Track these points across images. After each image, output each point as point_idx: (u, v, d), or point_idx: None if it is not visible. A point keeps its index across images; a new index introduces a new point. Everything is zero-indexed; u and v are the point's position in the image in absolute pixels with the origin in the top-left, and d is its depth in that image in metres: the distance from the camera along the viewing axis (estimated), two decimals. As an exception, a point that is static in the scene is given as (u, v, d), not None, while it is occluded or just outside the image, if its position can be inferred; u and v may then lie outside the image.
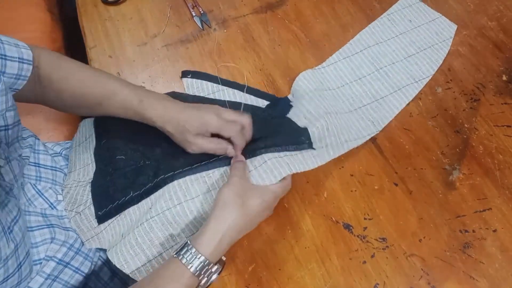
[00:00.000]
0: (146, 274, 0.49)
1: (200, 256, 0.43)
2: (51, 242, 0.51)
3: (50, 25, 0.89)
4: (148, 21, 0.75)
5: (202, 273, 0.43)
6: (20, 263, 0.46)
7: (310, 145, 0.55)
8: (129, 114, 0.56)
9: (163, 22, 0.75)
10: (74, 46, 0.60)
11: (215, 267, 0.45)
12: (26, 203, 0.53)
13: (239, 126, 0.53)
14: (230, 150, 0.53)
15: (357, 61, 0.68)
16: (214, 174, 0.54)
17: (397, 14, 0.72)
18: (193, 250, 0.44)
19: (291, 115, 0.61)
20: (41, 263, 0.50)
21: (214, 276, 0.45)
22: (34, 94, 0.55)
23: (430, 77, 0.65)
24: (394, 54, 0.68)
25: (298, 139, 0.55)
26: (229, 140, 0.53)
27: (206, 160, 0.54)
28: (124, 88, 0.55)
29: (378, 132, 0.61)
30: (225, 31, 0.73)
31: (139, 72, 0.70)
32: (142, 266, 0.49)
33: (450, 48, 0.69)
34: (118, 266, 0.48)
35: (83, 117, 0.68)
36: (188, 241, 0.45)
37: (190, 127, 0.52)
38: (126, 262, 0.49)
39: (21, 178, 0.55)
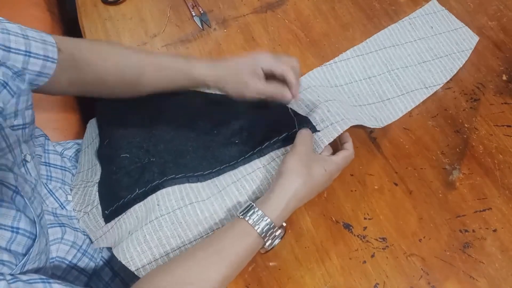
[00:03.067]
0: None
1: (267, 218, 0.45)
2: (61, 241, 0.51)
3: (50, 25, 0.89)
4: (148, 21, 0.75)
5: (268, 235, 0.45)
6: (47, 259, 0.47)
7: (313, 129, 0.54)
8: (176, 77, 0.56)
9: (163, 22, 0.75)
10: (74, 46, 0.60)
11: (279, 231, 0.47)
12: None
13: (291, 62, 0.54)
14: (286, 93, 0.54)
15: (370, 60, 0.68)
16: (225, 178, 0.54)
17: (419, 19, 0.71)
18: (260, 212, 0.45)
19: (292, 104, 0.61)
20: (53, 262, 0.50)
21: (277, 241, 0.47)
22: (72, 84, 0.55)
23: (441, 85, 0.65)
24: (408, 58, 0.67)
25: (300, 126, 0.55)
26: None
27: (218, 167, 0.55)
28: (166, 55, 0.57)
29: (380, 127, 0.60)
30: (225, 31, 0.73)
31: (139, 72, 0.70)
32: (148, 264, 0.48)
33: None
34: (123, 262, 0.48)
35: (88, 118, 0.68)
36: (253, 204, 0.47)
37: (244, 66, 0.54)
38: (132, 259, 0.48)
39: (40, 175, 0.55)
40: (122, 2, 0.77)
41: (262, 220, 0.45)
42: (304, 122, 0.55)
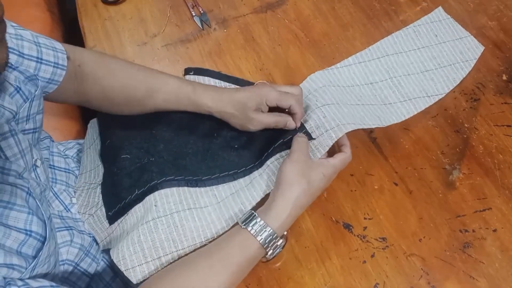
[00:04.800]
0: (140, 275, 0.47)
1: (269, 229, 0.45)
2: (70, 244, 0.52)
3: (50, 25, 0.89)
4: (148, 21, 0.75)
5: (270, 245, 0.45)
6: (56, 261, 0.47)
7: (309, 136, 0.54)
8: (182, 103, 0.56)
9: (163, 22, 0.75)
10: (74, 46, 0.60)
11: (280, 240, 0.46)
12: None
13: (296, 97, 0.54)
14: (290, 122, 0.55)
15: (372, 67, 0.67)
16: (224, 188, 0.55)
17: (424, 27, 0.70)
18: (262, 222, 0.45)
19: None
20: (63, 265, 0.50)
21: (278, 250, 0.47)
22: (76, 93, 0.56)
23: (443, 95, 0.63)
24: (411, 66, 0.66)
25: (295, 132, 0.55)
26: (286, 112, 0.55)
27: (217, 174, 0.55)
28: (174, 79, 0.57)
29: (383, 126, 0.58)
30: (225, 31, 0.73)
31: (139, 72, 0.70)
32: (138, 265, 0.48)
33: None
34: (115, 261, 0.48)
35: (88, 117, 0.68)
36: (255, 213, 0.47)
37: (250, 103, 0.54)
38: (124, 258, 0.48)
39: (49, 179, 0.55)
40: (122, 2, 0.77)
41: (264, 230, 0.45)
42: (299, 128, 0.55)
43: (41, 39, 0.50)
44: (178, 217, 0.50)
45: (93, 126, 0.65)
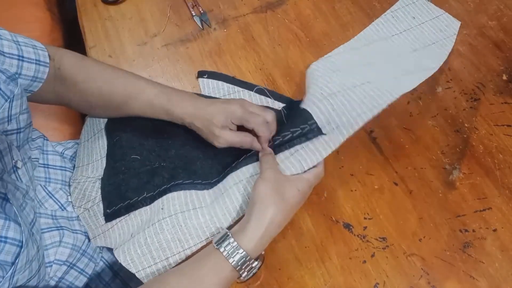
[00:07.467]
0: (151, 275, 0.48)
1: (242, 251, 0.43)
2: (59, 245, 0.51)
3: (50, 25, 0.89)
4: (148, 20, 0.75)
5: (243, 268, 0.43)
6: (40, 265, 0.46)
7: (319, 131, 0.52)
8: (157, 112, 0.56)
9: (163, 21, 0.75)
10: (74, 46, 0.60)
11: (255, 262, 0.45)
12: (37, 205, 0.53)
13: (262, 118, 0.52)
14: (255, 143, 0.53)
15: (364, 52, 0.67)
16: (227, 180, 0.54)
17: (400, 11, 0.72)
18: (234, 243, 0.43)
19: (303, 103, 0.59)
20: (51, 266, 0.50)
21: (254, 271, 0.45)
22: (56, 95, 0.56)
23: (437, 68, 0.63)
24: (400, 48, 0.67)
25: (303, 124, 0.53)
26: (253, 133, 0.53)
27: (223, 172, 0.55)
28: (152, 87, 0.56)
29: (395, 99, 0.54)
30: (225, 30, 0.73)
31: (139, 72, 0.69)
32: (148, 267, 0.48)
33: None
34: (124, 264, 0.48)
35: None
36: (229, 233, 0.45)
37: (216, 120, 0.53)
38: (133, 261, 0.48)
39: (33, 180, 0.55)
40: (122, 2, 0.77)
41: (237, 252, 0.43)
42: (308, 120, 0.53)
43: (19, 38, 0.50)
44: (182, 216, 0.50)
45: (92, 119, 0.65)
